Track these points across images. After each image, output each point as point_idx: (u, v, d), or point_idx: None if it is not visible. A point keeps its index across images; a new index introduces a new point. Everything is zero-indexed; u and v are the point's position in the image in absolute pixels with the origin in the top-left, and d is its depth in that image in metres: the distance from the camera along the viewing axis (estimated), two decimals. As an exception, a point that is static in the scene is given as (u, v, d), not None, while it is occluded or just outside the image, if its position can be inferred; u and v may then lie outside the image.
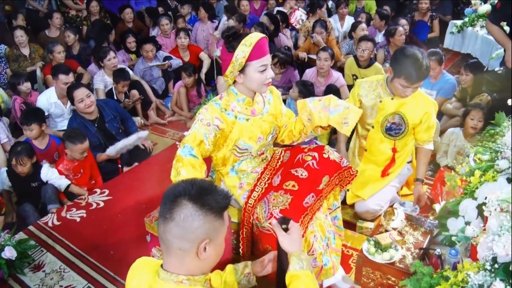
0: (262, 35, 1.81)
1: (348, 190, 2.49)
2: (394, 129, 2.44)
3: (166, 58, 4.74)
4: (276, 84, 4.16)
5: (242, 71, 1.82)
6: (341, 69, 4.45)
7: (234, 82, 1.90)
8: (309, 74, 4.16)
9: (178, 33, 4.93)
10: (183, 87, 4.32)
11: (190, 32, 5.32)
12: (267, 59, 1.82)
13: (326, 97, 1.93)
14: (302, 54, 4.73)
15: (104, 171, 3.27)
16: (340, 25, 5.70)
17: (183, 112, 4.32)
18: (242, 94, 1.91)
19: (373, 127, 2.47)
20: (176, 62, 4.73)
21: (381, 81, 2.44)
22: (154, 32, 5.73)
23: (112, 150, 3.30)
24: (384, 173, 2.51)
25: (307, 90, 3.57)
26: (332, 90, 3.74)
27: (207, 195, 1.12)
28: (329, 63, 3.92)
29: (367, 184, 2.48)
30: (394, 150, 2.49)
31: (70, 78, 3.66)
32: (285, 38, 5.17)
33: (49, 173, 2.93)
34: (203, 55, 5.05)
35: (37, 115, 3.22)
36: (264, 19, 5.08)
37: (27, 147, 2.92)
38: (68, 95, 3.36)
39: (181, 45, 4.91)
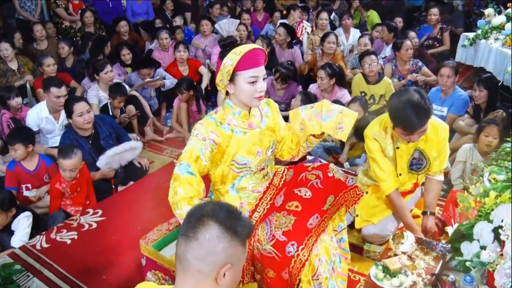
0: (256, 45, 1.86)
1: (357, 215, 2.50)
2: (415, 164, 2.43)
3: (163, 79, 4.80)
4: (278, 100, 4.21)
5: (232, 81, 1.85)
6: (348, 84, 4.50)
7: (229, 94, 1.93)
8: (313, 89, 4.23)
9: (176, 46, 5.01)
10: (184, 102, 4.38)
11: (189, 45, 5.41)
12: (259, 71, 1.84)
13: (318, 103, 1.97)
14: (308, 57, 4.80)
15: (97, 191, 3.27)
16: (345, 38, 5.77)
17: (182, 128, 4.36)
18: (237, 107, 1.94)
19: (400, 174, 2.42)
20: (170, 81, 4.77)
21: (386, 124, 2.35)
22: (152, 45, 5.82)
23: (102, 160, 3.26)
24: None
25: (309, 101, 3.60)
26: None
27: (234, 219, 1.14)
28: (327, 81, 4.01)
29: (378, 208, 2.49)
30: (416, 185, 2.51)
31: (63, 91, 3.68)
32: (300, 53, 5.24)
33: (19, 223, 2.79)
34: (203, 69, 5.12)
35: (23, 135, 3.16)
36: (280, 30, 5.16)
37: (4, 198, 2.73)
38: (66, 107, 3.37)
39: (180, 58, 4.99)
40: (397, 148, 2.36)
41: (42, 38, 5.31)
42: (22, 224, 2.78)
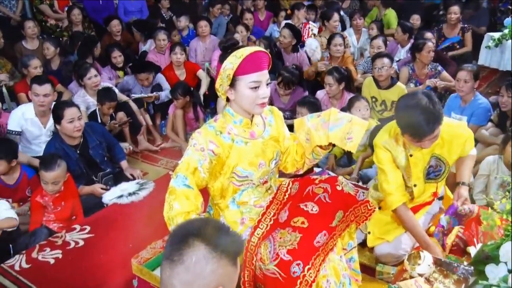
0: (259, 48, 1.91)
1: (369, 232, 2.51)
2: (432, 172, 2.46)
3: (154, 88, 4.84)
4: (282, 107, 4.24)
5: (232, 86, 1.90)
6: (358, 90, 4.54)
7: (229, 101, 1.98)
8: (321, 96, 4.28)
9: (173, 49, 5.06)
10: (179, 109, 4.42)
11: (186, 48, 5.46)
12: (262, 75, 1.88)
13: (326, 112, 2.00)
14: (323, 66, 4.83)
15: (85, 205, 3.27)
16: (355, 39, 5.83)
17: (179, 137, 4.41)
18: (239, 114, 1.97)
19: (415, 185, 2.45)
20: (165, 94, 4.81)
21: (396, 131, 2.37)
22: (145, 47, 5.87)
23: (109, 197, 3.21)
24: (414, 213, 2.52)
25: (315, 108, 3.64)
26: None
27: (222, 236, 1.13)
28: (336, 87, 4.08)
29: (392, 225, 2.51)
30: (435, 195, 2.54)
31: (45, 89, 3.57)
32: (306, 56, 5.29)
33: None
34: (201, 74, 5.16)
35: (6, 149, 3.14)
36: (285, 32, 5.22)
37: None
38: (55, 112, 3.33)
39: (177, 61, 5.04)
40: (411, 155, 2.38)
41: (34, 36, 5.30)
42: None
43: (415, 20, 5.83)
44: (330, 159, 3.73)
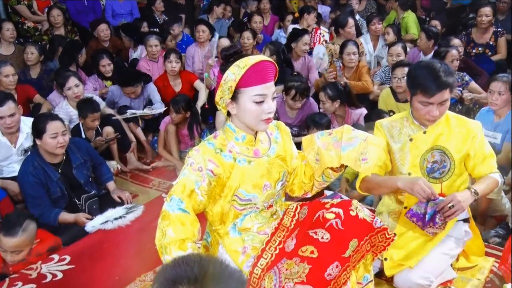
0: (264, 57, 1.94)
1: (385, 259, 2.51)
2: (437, 170, 2.54)
3: (145, 101, 4.86)
4: (290, 122, 4.29)
5: (235, 99, 1.94)
6: (374, 103, 4.59)
7: (230, 115, 2.02)
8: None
9: (167, 56, 5.07)
10: (172, 124, 4.45)
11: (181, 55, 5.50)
12: (267, 88, 1.92)
13: (338, 129, 2.04)
14: (331, 75, 4.86)
15: (65, 233, 3.24)
16: (372, 46, 5.87)
17: (172, 156, 4.44)
18: (241, 131, 2.02)
19: (410, 174, 2.55)
20: (158, 110, 4.81)
21: (406, 116, 2.61)
22: (135, 53, 5.94)
23: (93, 224, 3.20)
24: None
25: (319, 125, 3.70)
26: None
27: (216, 281, 1.07)
28: (329, 105, 4.13)
29: (410, 249, 2.50)
30: (441, 195, 2.54)
31: (8, 109, 3.55)
32: (314, 63, 5.35)
33: None
34: (199, 84, 5.20)
35: None
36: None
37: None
38: (36, 126, 3.32)
39: (171, 70, 5.06)
40: (411, 140, 2.53)
41: (11, 40, 5.37)
42: None
43: (436, 26, 5.82)
44: (343, 182, 3.77)
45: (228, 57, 1.95)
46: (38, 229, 2.92)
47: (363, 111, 4.20)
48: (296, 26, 6.18)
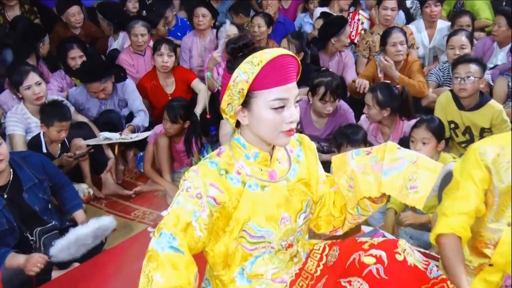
0: (284, 50, 1.93)
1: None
2: None
3: (128, 118, 4.85)
4: (317, 135, 4.33)
5: (246, 105, 1.94)
6: (428, 111, 4.59)
7: (239, 125, 2.03)
8: (366, 122, 4.33)
9: (157, 47, 5.10)
10: (163, 136, 4.46)
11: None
12: (288, 90, 1.91)
13: (379, 147, 2.04)
14: (361, 82, 4.86)
15: (7, 281, 3.13)
16: (426, 36, 5.85)
17: (162, 178, 4.45)
18: (254, 146, 2.02)
19: (509, 225, 2.42)
20: (144, 135, 4.71)
21: (506, 142, 2.39)
22: (116, 43, 5.99)
23: (59, 251, 3.21)
24: None
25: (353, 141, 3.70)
26: (409, 146, 3.83)
27: None
28: (376, 112, 4.10)
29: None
30: None
31: None
32: (353, 60, 5.39)
33: None
34: (198, 85, 5.23)
35: None
36: (318, 23, 5.32)
37: None
38: None
39: (163, 67, 5.08)
40: None
41: None
42: None
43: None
44: (388, 214, 3.75)
45: (236, 51, 1.95)
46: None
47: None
48: (325, 9, 6.20)
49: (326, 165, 2.32)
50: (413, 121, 4.14)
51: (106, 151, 4.58)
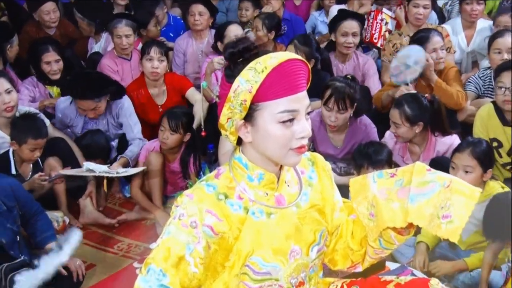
0: (292, 55, 1.94)
1: None
2: None
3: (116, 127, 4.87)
4: (333, 154, 4.34)
5: (250, 119, 1.94)
6: (466, 126, 4.61)
7: (241, 142, 2.03)
8: (391, 139, 4.32)
9: (146, 51, 5.12)
10: (156, 153, 4.47)
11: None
12: (299, 100, 1.91)
13: (405, 168, 2.03)
14: (391, 93, 4.83)
15: None
16: (464, 38, 5.85)
17: (152, 203, 4.46)
18: (258, 167, 2.02)
19: None
20: (135, 170, 4.58)
21: None
22: (97, 46, 6.04)
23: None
24: None
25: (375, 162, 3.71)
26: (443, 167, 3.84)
27: None
28: (406, 130, 4.09)
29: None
30: None
31: None
32: (375, 66, 5.43)
33: None
34: (193, 95, 5.25)
35: None
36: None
37: None
38: None
39: (152, 73, 5.09)
40: None
41: None
42: None
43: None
44: (419, 250, 3.71)
45: (235, 57, 1.95)
46: None
47: (455, 139, 4.19)
48: (343, 7, 6.25)
49: (344, 189, 2.30)
50: (448, 138, 4.15)
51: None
